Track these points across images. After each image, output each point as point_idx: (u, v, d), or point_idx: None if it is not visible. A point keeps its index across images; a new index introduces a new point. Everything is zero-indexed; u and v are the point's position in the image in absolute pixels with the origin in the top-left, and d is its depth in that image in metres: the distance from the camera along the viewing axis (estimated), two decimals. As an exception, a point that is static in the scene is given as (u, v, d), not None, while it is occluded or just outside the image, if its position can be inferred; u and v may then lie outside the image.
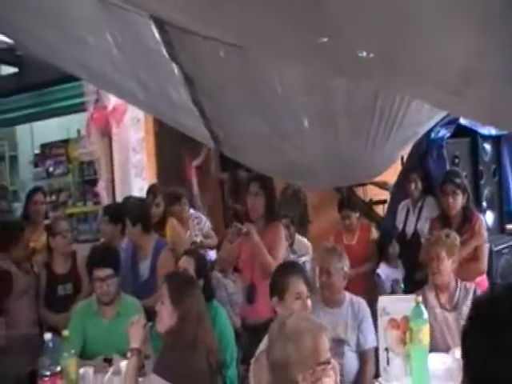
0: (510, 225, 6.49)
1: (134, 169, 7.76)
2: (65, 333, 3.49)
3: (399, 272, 5.69)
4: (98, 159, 7.98)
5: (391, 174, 5.83)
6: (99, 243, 5.87)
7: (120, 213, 5.30)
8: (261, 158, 4.23)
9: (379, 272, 5.71)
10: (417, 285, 4.46)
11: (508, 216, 6.48)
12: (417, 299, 3.29)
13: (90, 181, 9.01)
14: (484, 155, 6.27)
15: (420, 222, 5.56)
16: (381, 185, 6.98)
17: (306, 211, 7.39)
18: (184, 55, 3.14)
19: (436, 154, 5.81)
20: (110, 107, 7.51)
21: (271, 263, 4.27)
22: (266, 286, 3.65)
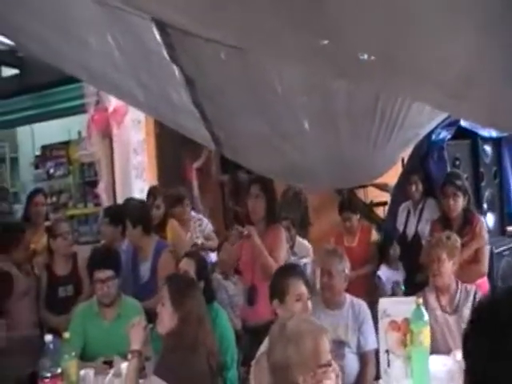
0: (511, 227, 6.48)
1: (135, 170, 7.75)
2: (65, 335, 3.49)
3: (400, 274, 5.69)
4: (99, 161, 7.97)
5: (392, 176, 5.82)
6: (100, 245, 5.86)
7: (120, 214, 5.30)
8: (261, 160, 4.23)
9: (380, 274, 5.71)
10: (417, 287, 4.46)
11: (509, 218, 6.48)
12: (417, 301, 3.28)
13: (91, 182, 8.99)
14: (485, 157, 6.27)
15: (421, 224, 5.56)
16: (381, 187, 6.98)
17: (307, 213, 7.38)
18: (185, 57, 3.14)
19: (437, 156, 5.81)
20: (111, 109, 7.50)
21: (272, 265, 4.27)
22: (267, 288, 3.65)
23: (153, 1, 2.22)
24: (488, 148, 6.31)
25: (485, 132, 6.05)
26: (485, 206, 6.12)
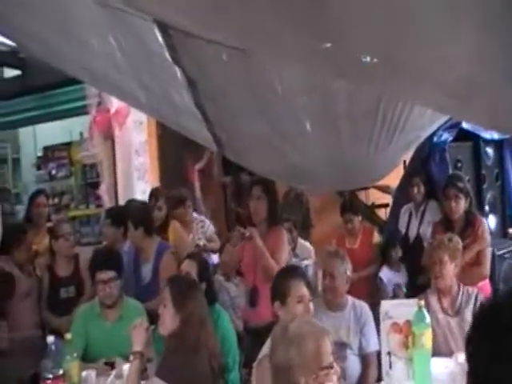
0: (513, 229, 6.48)
1: (137, 172, 7.75)
2: (67, 336, 3.50)
3: (401, 276, 5.69)
4: (101, 162, 7.97)
5: (393, 178, 5.82)
6: (102, 246, 5.87)
7: (122, 216, 5.30)
8: (263, 161, 4.23)
9: (381, 276, 5.71)
10: (419, 289, 4.45)
11: (511, 220, 6.46)
12: (419, 303, 3.28)
13: (93, 183, 8.99)
14: (486, 159, 6.26)
15: (423, 226, 5.55)
16: (383, 188, 6.98)
17: (309, 215, 7.39)
18: (187, 58, 3.14)
19: (438, 158, 5.80)
20: (113, 110, 7.50)
21: (274, 267, 4.26)
22: (268, 290, 3.65)
23: (155, 2, 2.22)
24: (490, 150, 6.31)
25: (487, 134, 6.04)
26: (486, 208, 6.12)
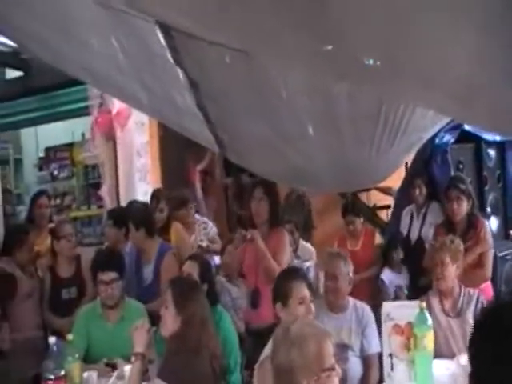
0: (515, 231, 6.47)
1: (139, 173, 7.75)
2: (69, 337, 3.50)
3: (403, 277, 5.69)
4: (102, 163, 7.97)
5: (395, 180, 5.82)
6: (103, 247, 5.87)
7: (124, 217, 5.30)
8: (265, 163, 4.23)
9: (383, 277, 5.70)
10: (421, 290, 4.45)
11: (513, 222, 6.47)
12: (421, 305, 3.28)
13: (95, 184, 9.00)
14: (488, 161, 6.26)
15: (424, 228, 5.55)
16: (385, 190, 6.97)
17: (310, 216, 7.38)
18: (189, 60, 3.14)
19: (440, 160, 5.80)
20: (115, 111, 7.50)
21: (275, 268, 4.27)
22: (270, 291, 3.65)
23: (157, 4, 2.22)
24: (492, 152, 6.31)
25: (488, 136, 6.04)
26: (488, 210, 6.11)
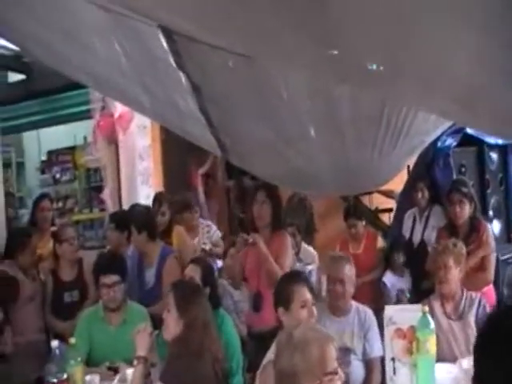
0: (517, 234, 6.46)
1: (141, 176, 7.75)
2: (71, 340, 3.50)
3: (405, 280, 5.68)
4: (104, 166, 7.98)
5: (397, 183, 5.81)
6: (105, 250, 5.87)
7: (126, 220, 5.30)
8: (267, 166, 4.23)
9: (385, 280, 5.70)
10: (423, 294, 4.45)
11: (515, 225, 6.46)
12: (423, 309, 3.28)
13: (97, 187, 9.01)
14: (490, 164, 6.25)
15: (427, 231, 5.54)
16: (387, 193, 6.96)
17: (312, 220, 7.37)
18: (191, 64, 3.15)
19: (442, 163, 5.79)
20: (117, 115, 7.50)
21: (277, 272, 4.26)
22: (272, 295, 3.64)
23: (159, 8, 2.23)
24: (494, 155, 6.30)
25: (491, 139, 6.03)
26: (490, 213, 6.10)
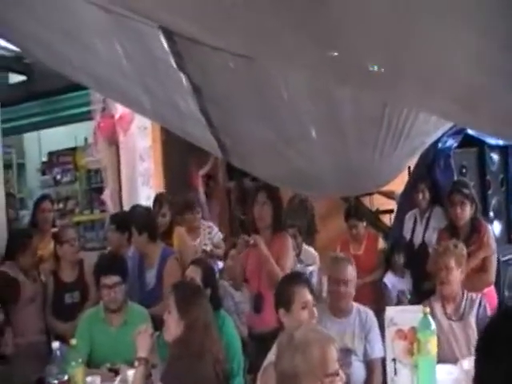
0: (518, 235, 6.45)
1: (141, 177, 7.75)
2: (72, 341, 3.50)
3: (405, 282, 5.68)
4: (105, 168, 7.97)
5: (398, 184, 5.81)
6: (106, 251, 5.87)
7: (127, 221, 5.30)
8: (268, 167, 4.23)
9: (385, 281, 5.70)
10: (424, 295, 4.44)
11: (516, 226, 6.45)
12: (424, 310, 3.27)
13: (97, 189, 9.01)
14: (491, 165, 6.24)
15: (428, 232, 5.53)
16: (388, 194, 6.96)
17: (313, 221, 7.37)
18: (192, 65, 3.15)
19: (443, 164, 5.79)
20: (117, 116, 7.50)
21: (278, 273, 4.26)
22: (273, 296, 3.64)
23: (160, 9, 2.23)
24: (495, 156, 6.29)
25: (491, 140, 6.03)
26: (491, 214, 6.09)
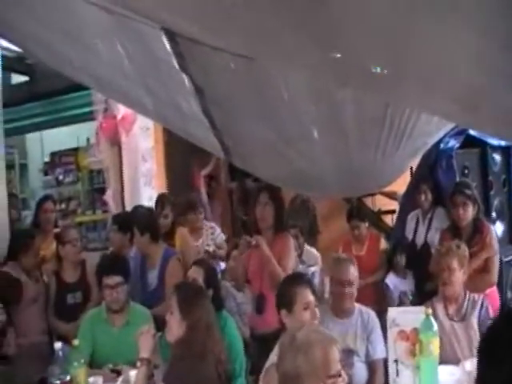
0: (520, 235, 6.45)
1: (144, 178, 7.76)
2: (75, 342, 3.50)
3: (407, 282, 5.68)
4: (107, 168, 7.98)
5: (400, 184, 5.81)
6: (108, 252, 5.88)
7: (129, 222, 5.30)
8: (269, 168, 4.23)
9: (387, 282, 5.70)
10: (426, 296, 4.44)
11: (518, 227, 6.44)
12: (427, 311, 3.27)
13: (100, 189, 9.01)
14: (493, 166, 6.24)
15: (430, 233, 5.53)
16: (390, 195, 6.95)
17: (315, 221, 7.36)
18: (194, 66, 3.15)
19: (445, 165, 5.78)
20: (119, 116, 7.51)
21: (280, 274, 4.26)
22: (275, 297, 3.64)
23: (160, 9, 2.23)
24: (497, 156, 6.29)
25: (494, 140, 6.03)
26: (494, 215, 6.09)
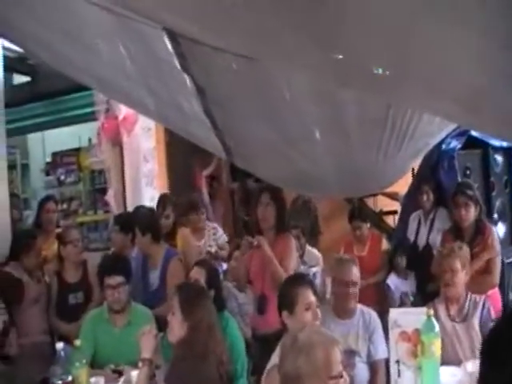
0: (522, 236, 6.44)
1: (145, 178, 7.76)
2: (76, 342, 3.50)
3: (408, 283, 5.68)
4: (109, 168, 7.98)
5: (402, 185, 5.80)
6: (110, 252, 5.88)
7: (130, 222, 5.31)
8: (271, 168, 4.23)
9: (389, 283, 5.70)
10: (428, 297, 4.44)
11: (520, 228, 6.44)
12: (428, 312, 3.26)
13: (101, 189, 8.99)
14: (495, 166, 6.24)
15: (432, 234, 5.53)
16: (392, 195, 6.95)
17: (317, 222, 7.37)
18: (196, 66, 3.15)
19: (447, 166, 5.78)
20: (121, 117, 7.52)
21: (282, 274, 4.26)
22: (277, 297, 3.64)
23: (161, 9, 2.23)
24: (499, 157, 6.29)
25: (495, 141, 6.03)
26: (495, 216, 6.09)
